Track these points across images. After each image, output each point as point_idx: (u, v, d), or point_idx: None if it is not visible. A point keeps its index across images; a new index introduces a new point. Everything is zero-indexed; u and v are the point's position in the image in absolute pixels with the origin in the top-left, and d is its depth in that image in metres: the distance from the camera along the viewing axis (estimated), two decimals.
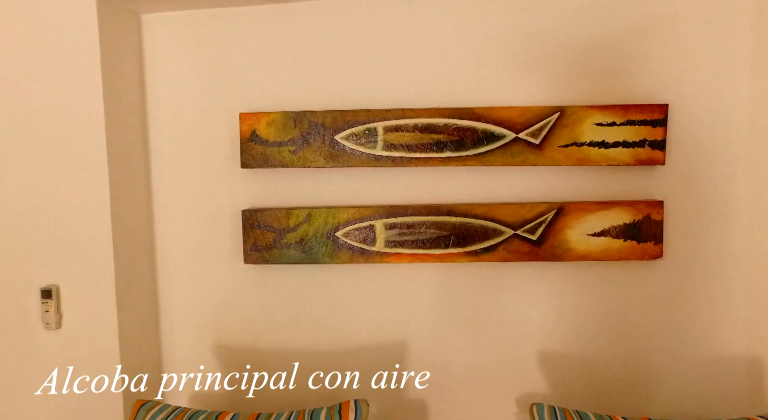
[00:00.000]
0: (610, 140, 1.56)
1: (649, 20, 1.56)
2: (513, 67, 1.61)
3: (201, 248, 1.74)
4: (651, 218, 1.56)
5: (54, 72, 1.55)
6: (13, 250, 1.60)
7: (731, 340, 1.59)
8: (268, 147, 1.64)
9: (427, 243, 1.62)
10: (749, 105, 1.54)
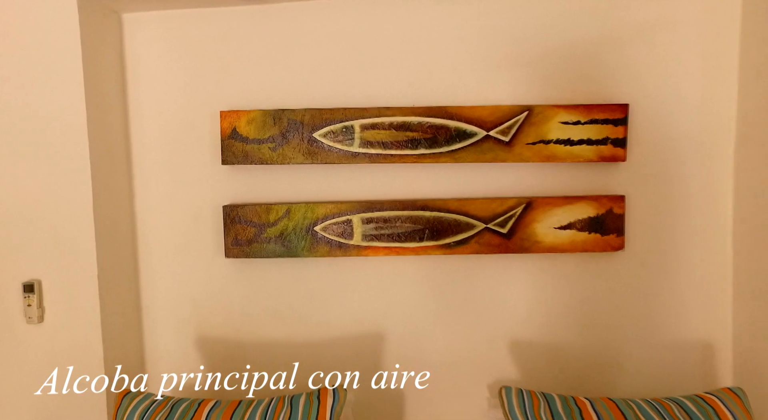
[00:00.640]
0: (575, 138, 1.64)
1: (611, 28, 1.65)
2: (484, 69, 1.68)
3: (183, 243, 1.78)
4: (613, 212, 1.66)
5: (36, 71, 1.57)
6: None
7: (687, 326, 1.69)
8: (249, 144, 1.69)
9: (403, 236, 1.69)
10: (702, 105, 1.64)
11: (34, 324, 1.65)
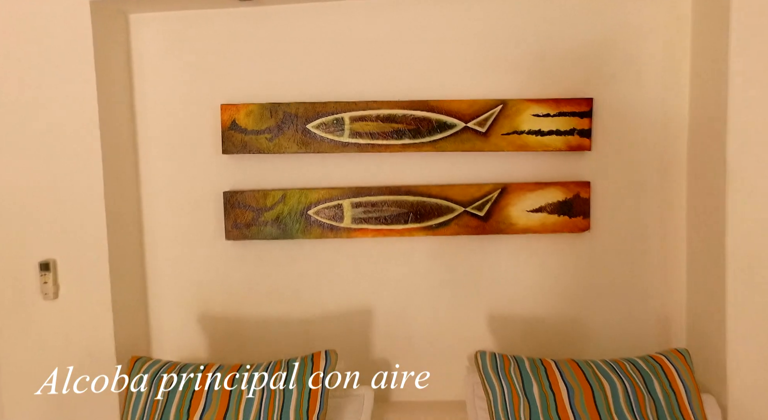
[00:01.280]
0: (546, 129, 1.80)
1: (579, 31, 1.81)
2: (463, 66, 1.84)
3: (186, 226, 1.93)
4: (580, 196, 1.82)
5: (52, 68, 1.72)
6: (14, 227, 1.77)
7: (646, 299, 1.86)
8: (247, 135, 1.84)
9: (389, 219, 1.84)
10: (658, 101, 1.81)
11: (49, 300, 1.79)
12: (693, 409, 1.40)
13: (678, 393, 1.41)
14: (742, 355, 1.63)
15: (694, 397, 1.42)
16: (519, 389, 1.42)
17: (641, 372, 1.44)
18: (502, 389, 1.44)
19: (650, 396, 1.39)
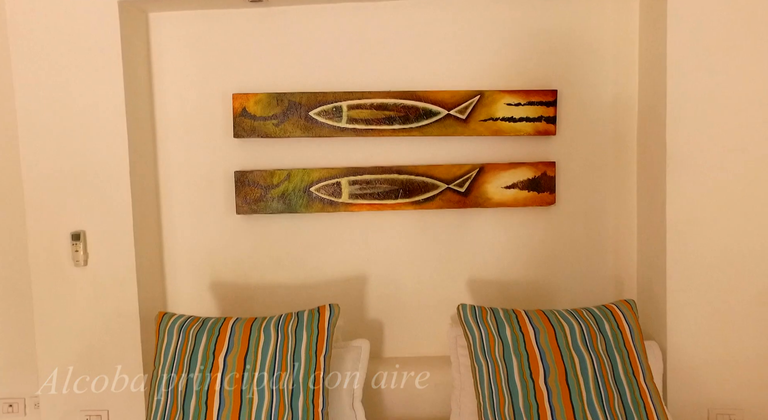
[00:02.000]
0: (517, 116, 2.08)
1: (546, 29, 2.09)
2: (446, 61, 2.11)
3: (200, 202, 2.16)
4: (547, 174, 2.10)
5: (85, 61, 1.93)
6: (49, 201, 1.98)
7: (603, 263, 2.15)
8: (256, 121, 2.08)
9: (382, 195, 2.10)
10: (614, 89, 2.10)
11: (80, 267, 2.01)
12: (635, 345, 1.69)
13: (624, 332, 1.70)
14: (679, 306, 1.93)
15: (637, 336, 1.71)
16: (494, 332, 1.69)
17: (595, 317, 1.73)
18: (480, 334, 1.71)
19: (601, 335, 1.68)
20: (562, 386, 1.58)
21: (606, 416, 1.54)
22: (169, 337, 1.71)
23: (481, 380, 1.66)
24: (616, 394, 1.58)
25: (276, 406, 1.57)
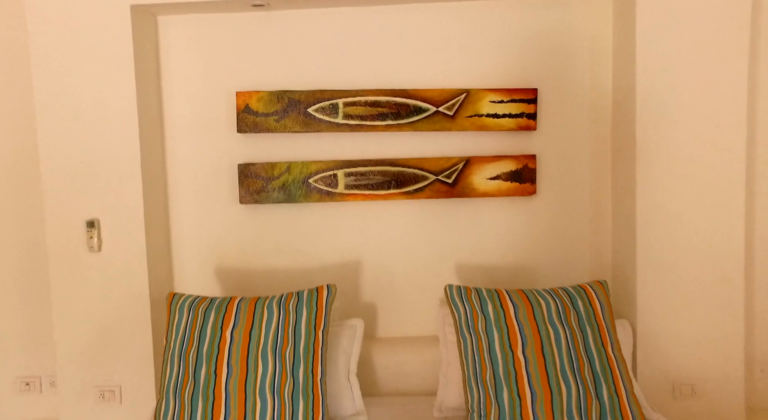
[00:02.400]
0: (501, 113, 2.25)
1: (527, 33, 2.26)
2: (435, 62, 2.27)
3: (205, 193, 2.32)
4: (528, 167, 2.27)
5: (100, 61, 2.09)
6: (66, 191, 2.13)
7: (580, 248, 2.32)
8: (258, 117, 2.24)
9: (375, 186, 2.26)
10: (590, 88, 2.27)
11: (94, 252, 2.16)
12: (605, 320, 1.86)
13: (595, 309, 1.87)
14: (648, 288, 2.10)
15: (607, 312, 1.88)
16: (478, 309, 1.86)
17: (569, 295, 1.89)
18: (465, 311, 1.87)
19: (574, 310, 1.84)
20: (538, 356, 1.74)
21: (576, 382, 1.71)
22: (180, 315, 1.87)
23: (465, 352, 1.83)
24: (586, 363, 1.75)
25: (279, 374, 1.73)
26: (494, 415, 1.71)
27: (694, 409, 2.11)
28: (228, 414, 1.68)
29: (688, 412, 2.11)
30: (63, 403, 2.21)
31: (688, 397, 2.12)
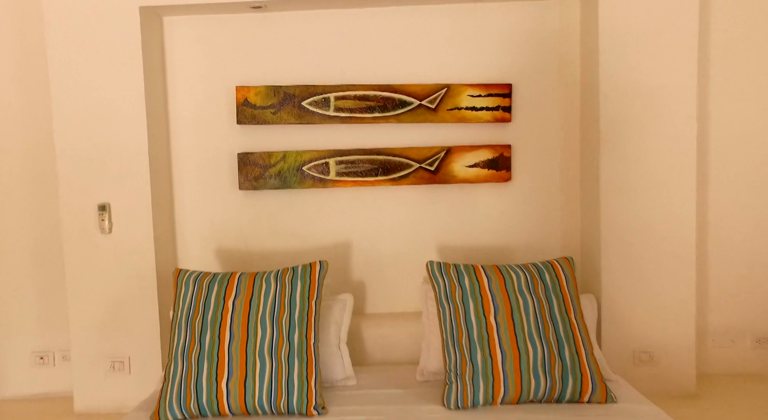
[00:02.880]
0: (479, 106, 2.46)
1: (501, 34, 2.47)
2: (418, 58, 2.47)
3: (207, 180, 2.51)
4: (504, 155, 2.48)
5: (112, 58, 2.28)
6: (80, 178, 2.32)
7: (551, 229, 2.53)
8: (256, 110, 2.44)
9: (364, 173, 2.47)
10: (559, 85, 2.48)
11: (105, 234, 2.35)
12: (569, 291, 2.07)
13: (561, 281, 2.08)
14: (611, 264, 2.32)
15: (571, 284, 2.09)
16: (455, 281, 2.06)
17: (538, 268, 2.10)
18: (445, 283, 2.08)
19: (542, 282, 2.05)
20: (508, 321, 1.96)
21: (542, 344, 1.92)
22: (186, 288, 2.06)
23: (444, 320, 2.04)
24: (551, 327, 1.96)
25: (276, 338, 1.93)
26: (469, 374, 1.92)
27: (652, 374, 2.33)
28: (231, 374, 1.88)
29: (646, 376, 2.33)
30: (76, 373, 2.40)
31: (646, 364, 2.34)
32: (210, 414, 1.88)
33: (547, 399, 1.91)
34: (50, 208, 2.51)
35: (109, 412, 2.39)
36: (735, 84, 2.45)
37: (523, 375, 1.88)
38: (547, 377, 1.89)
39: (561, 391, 1.90)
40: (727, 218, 2.49)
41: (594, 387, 1.90)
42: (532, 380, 1.88)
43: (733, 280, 2.50)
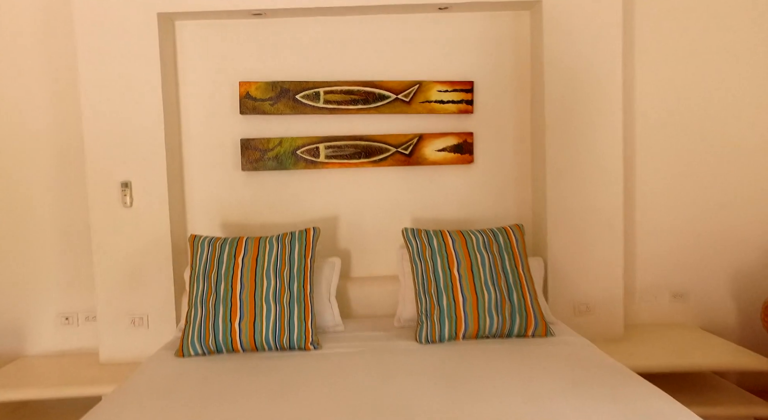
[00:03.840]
0: (446, 99, 2.91)
1: (466, 38, 2.92)
2: (395, 59, 2.91)
3: (213, 162, 2.91)
4: (467, 141, 2.94)
5: (133, 54, 2.67)
6: (106, 159, 2.70)
7: (507, 204, 2.99)
8: (256, 102, 2.85)
9: (349, 156, 2.90)
10: (511, 81, 2.95)
11: (127, 207, 2.73)
12: (518, 250, 2.53)
13: (512, 242, 2.54)
14: (555, 231, 2.79)
15: (520, 245, 2.55)
16: (426, 243, 2.51)
17: (494, 233, 2.56)
18: (417, 244, 2.52)
19: (496, 242, 2.51)
20: (468, 273, 2.41)
21: (495, 290, 2.38)
22: (201, 249, 2.47)
23: (417, 274, 2.48)
24: (502, 277, 2.42)
25: (279, 288, 2.35)
26: (437, 315, 2.36)
27: (588, 322, 2.82)
28: (242, 316, 2.30)
29: (584, 323, 2.81)
30: (101, 329, 2.78)
31: (584, 314, 2.82)
32: (225, 349, 2.29)
33: (499, 334, 2.37)
34: (78, 185, 2.88)
35: (129, 361, 2.77)
36: (658, 76, 2.95)
37: (480, 315, 2.34)
38: (498, 316, 2.35)
39: (510, 328, 2.36)
40: (651, 194, 2.99)
41: (536, 324, 2.37)
42: (487, 319, 2.34)
43: (655, 246, 3.00)
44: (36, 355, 2.95)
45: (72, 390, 2.53)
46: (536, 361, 2.09)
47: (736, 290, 3.00)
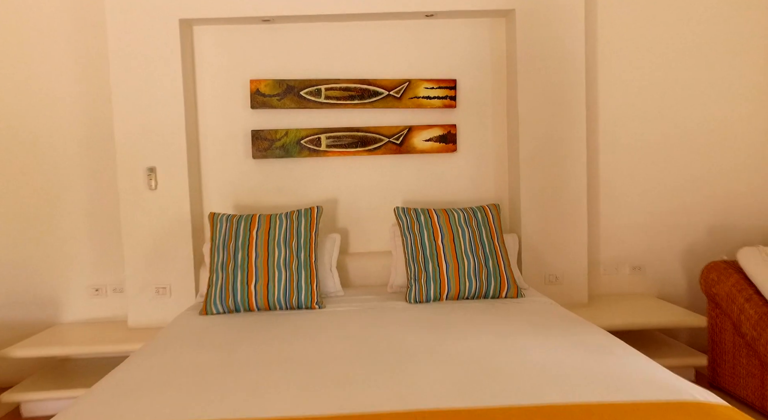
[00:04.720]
0: (432, 96, 3.30)
1: (448, 41, 3.32)
2: (388, 59, 3.31)
3: (227, 150, 3.29)
4: (451, 133, 3.34)
5: (158, 55, 3.04)
6: (135, 147, 3.08)
7: (487, 188, 3.39)
8: (265, 98, 3.23)
9: (347, 145, 3.29)
10: (491, 80, 3.35)
11: (152, 190, 3.11)
12: (494, 225, 2.93)
13: (489, 219, 2.93)
14: (528, 210, 3.19)
15: (496, 221, 2.95)
16: (414, 218, 2.90)
17: (473, 210, 2.96)
18: (407, 220, 2.92)
19: (475, 218, 2.91)
20: (450, 244, 2.80)
21: (474, 257, 2.78)
22: (221, 224, 2.85)
23: (407, 244, 2.87)
24: (480, 248, 2.82)
25: (288, 256, 2.74)
26: (424, 279, 2.76)
27: (557, 291, 3.22)
28: (257, 280, 2.68)
29: (553, 292, 3.21)
30: (129, 298, 3.15)
31: (553, 284, 3.22)
32: (243, 308, 2.68)
33: (477, 295, 2.77)
34: (106, 172, 3.25)
35: (154, 326, 3.15)
36: (618, 72, 3.36)
37: (461, 279, 2.74)
38: (477, 280, 2.75)
39: (486, 290, 2.76)
40: (613, 179, 3.40)
41: (509, 287, 2.77)
42: (467, 282, 2.74)
43: (617, 224, 3.41)
44: (69, 323, 3.32)
45: (106, 347, 2.90)
46: (507, 314, 2.49)
47: (686, 263, 3.41)
